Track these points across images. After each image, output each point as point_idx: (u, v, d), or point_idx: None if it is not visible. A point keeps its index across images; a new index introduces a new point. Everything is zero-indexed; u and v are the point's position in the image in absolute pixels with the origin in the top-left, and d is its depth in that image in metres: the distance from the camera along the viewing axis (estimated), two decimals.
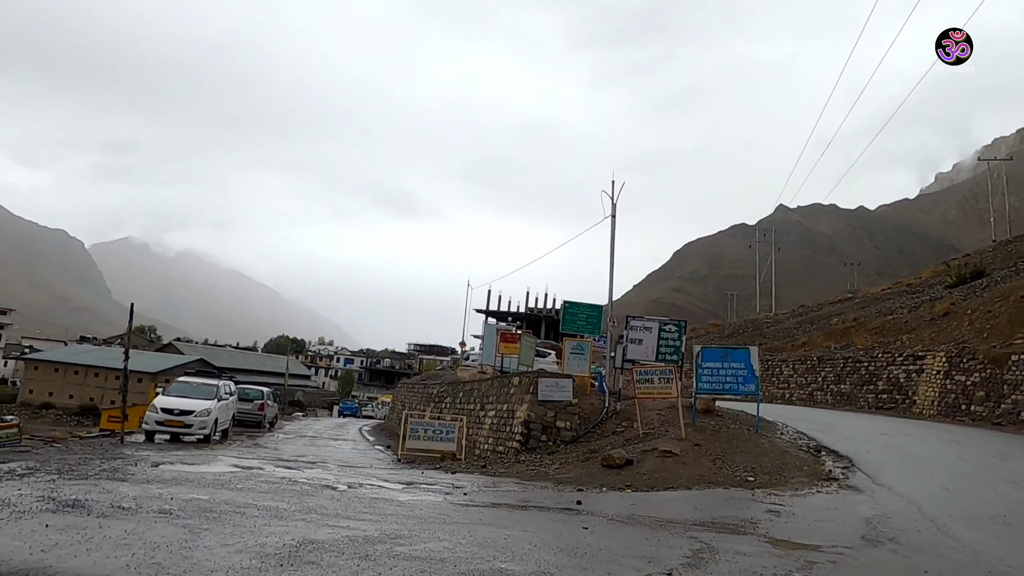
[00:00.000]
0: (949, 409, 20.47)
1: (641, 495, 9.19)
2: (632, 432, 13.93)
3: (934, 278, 37.69)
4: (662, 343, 15.53)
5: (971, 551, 6.39)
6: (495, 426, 16.83)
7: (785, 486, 9.97)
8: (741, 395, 14.04)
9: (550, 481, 10.69)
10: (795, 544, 6.36)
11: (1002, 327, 21.22)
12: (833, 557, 5.88)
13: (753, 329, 39.84)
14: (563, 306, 19.15)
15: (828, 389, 26.41)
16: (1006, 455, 12.53)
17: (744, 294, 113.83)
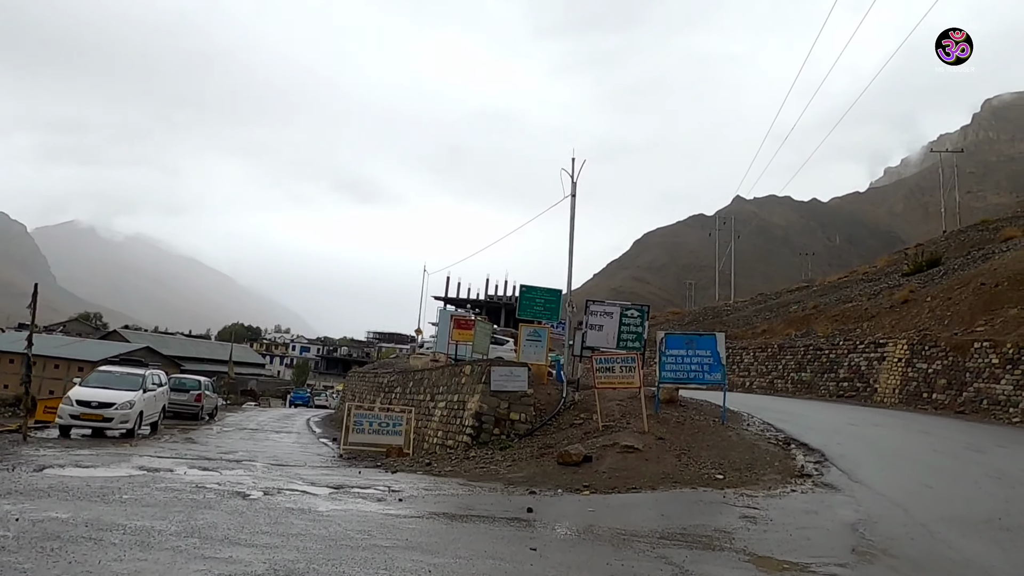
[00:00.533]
0: (911, 397, 20.13)
1: (601, 498, 8.17)
2: (591, 424, 12.95)
3: (889, 267, 37.89)
4: (624, 329, 14.57)
5: (979, 568, 5.53)
6: (445, 418, 15.68)
7: (757, 485, 9.09)
8: (707, 384, 13.19)
9: (500, 481, 9.60)
10: (781, 563, 5.40)
11: (963, 314, 20.97)
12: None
13: (713, 317, 39.50)
14: (519, 291, 18.03)
15: (789, 377, 26.01)
16: (978, 446, 11.96)
17: (702, 283, 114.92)
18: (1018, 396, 16.81)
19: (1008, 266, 22.03)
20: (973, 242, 33.35)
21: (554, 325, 19.31)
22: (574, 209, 17.87)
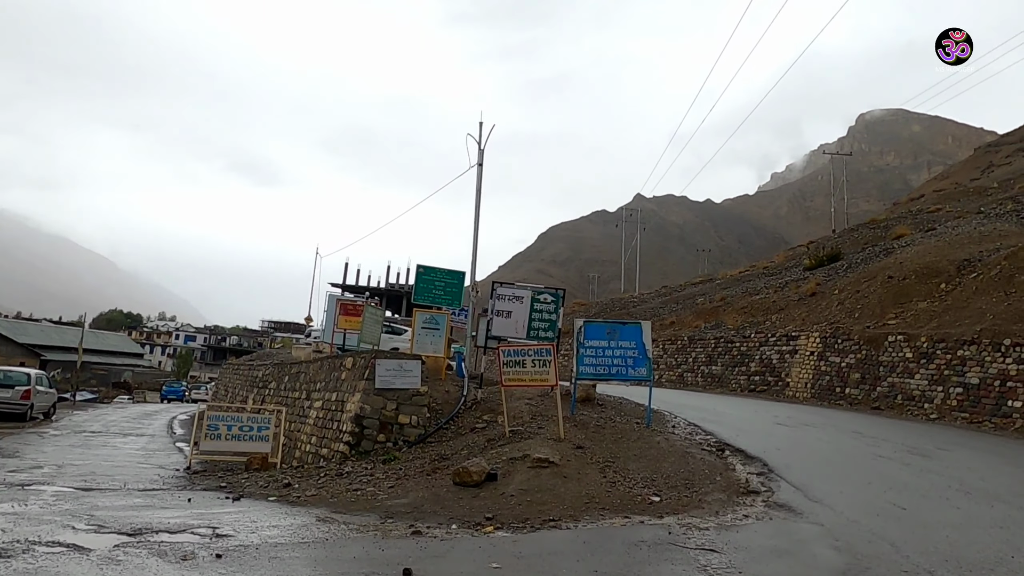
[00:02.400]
0: (824, 392, 19.47)
1: (510, 541, 6.02)
2: (497, 429, 10.83)
3: (788, 261, 38.36)
4: (535, 316, 12.54)
5: None
6: (321, 421, 13.08)
7: (701, 508, 7.27)
8: (631, 380, 11.40)
9: (376, 512, 7.26)
10: None
11: (873, 307, 20.58)
12: None
13: (620, 308, 38.58)
14: (416, 272, 15.63)
15: (699, 370, 25.11)
16: (920, 449, 10.85)
17: (604, 277, 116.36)
18: (933, 391, 16.28)
19: (913, 260, 21.96)
20: (866, 239, 34.04)
21: (455, 312, 17.06)
22: (481, 179, 15.70)
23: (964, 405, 15.28)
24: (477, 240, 15.16)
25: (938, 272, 19.98)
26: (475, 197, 15.71)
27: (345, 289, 62.66)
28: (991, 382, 14.93)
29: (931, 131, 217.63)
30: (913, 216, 36.61)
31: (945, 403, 15.72)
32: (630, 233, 73.55)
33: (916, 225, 31.87)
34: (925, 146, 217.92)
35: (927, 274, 20.23)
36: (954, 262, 19.95)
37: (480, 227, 15.59)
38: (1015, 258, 17.67)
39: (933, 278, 19.82)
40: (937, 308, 18.29)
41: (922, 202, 47.82)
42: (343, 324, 18.73)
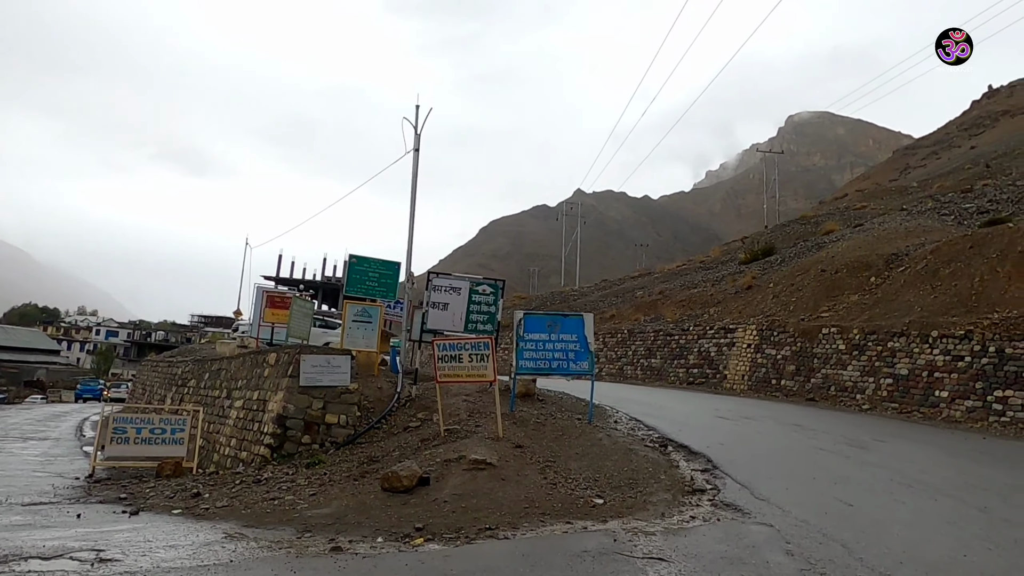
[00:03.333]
0: (760, 384, 19.65)
1: (441, 555, 5.42)
2: (432, 428, 10.19)
3: (724, 256, 39.06)
4: (473, 309, 11.95)
5: None
6: (241, 422, 12.12)
7: (647, 510, 6.87)
8: (572, 375, 10.95)
9: (294, 525, 6.53)
10: None
11: (807, 300, 20.91)
12: None
13: (560, 301, 38.41)
14: (347, 262, 14.78)
15: (639, 364, 25.08)
16: (858, 441, 10.84)
17: (544, 271, 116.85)
18: (864, 382, 16.56)
19: (844, 254, 22.46)
20: (798, 235, 34.93)
21: (391, 304, 16.28)
22: (417, 165, 14.92)
23: (894, 396, 15.59)
24: (413, 228, 14.42)
25: (868, 266, 20.45)
26: (411, 184, 14.94)
27: (278, 282, 60.43)
28: (919, 373, 15.27)
29: (854, 133, 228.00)
30: (841, 213, 37.83)
31: (876, 394, 16.02)
32: (570, 227, 73.84)
33: (844, 221, 32.89)
34: (848, 148, 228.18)
35: (858, 268, 20.69)
36: (883, 256, 20.46)
37: (419, 220, 14.86)
38: (940, 253, 18.20)
39: (863, 272, 20.27)
40: (868, 301, 18.69)
41: (847, 200, 49.68)
42: (270, 318, 17.65)
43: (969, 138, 70.03)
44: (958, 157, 57.09)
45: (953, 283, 16.53)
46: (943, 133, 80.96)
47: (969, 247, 17.34)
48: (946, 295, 16.36)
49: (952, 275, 16.84)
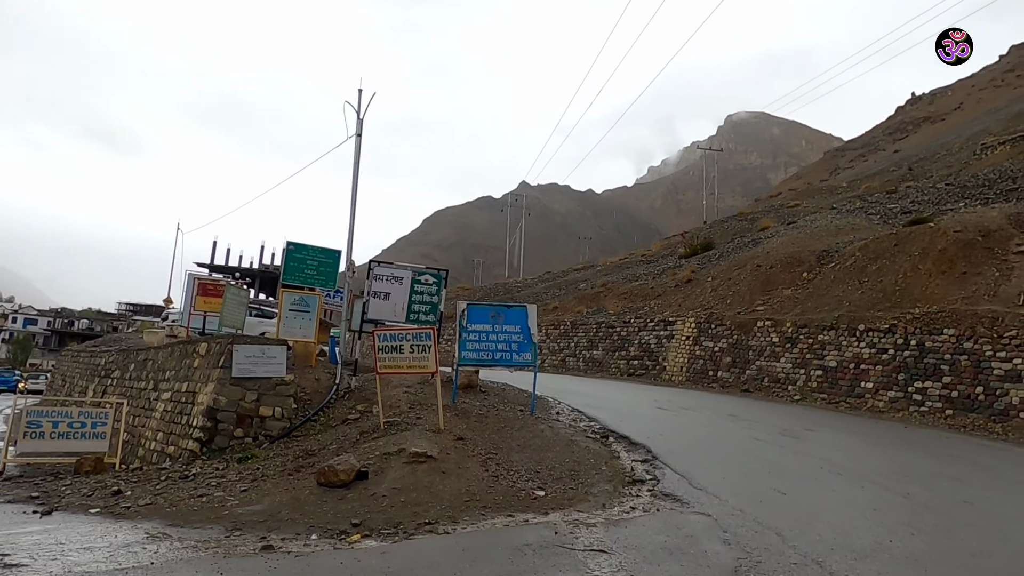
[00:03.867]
0: (698, 375, 20.12)
1: (378, 551, 5.26)
2: (371, 420, 9.95)
3: (665, 250, 39.85)
4: (416, 299, 11.72)
5: None
6: (169, 415, 11.55)
7: (588, 501, 6.87)
8: (515, 366, 10.88)
9: (223, 523, 6.23)
10: None
11: (743, 294, 21.50)
12: None
13: (504, 292, 38.40)
14: (285, 249, 14.26)
15: (581, 355, 25.31)
16: (791, 431, 11.20)
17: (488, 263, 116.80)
18: (796, 374, 17.16)
19: (778, 250, 23.20)
20: (735, 231, 35.95)
21: (330, 294, 15.84)
22: (359, 151, 14.52)
23: (823, 387, 16.22)
24: (354, 216, 14.02)
25: (801, 261, 21.18)
26: (352, 170, 14.52)
27: (212, 269, 58.14)
28: (847, 365, 15.92)
29: (788, 134, 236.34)
30: (776, 210, 39.13)
31: (807, 385, 16.63)
32: (515, 219, 73.93)
33: (779, 219, 34.02)
34: (783, 148, 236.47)
35: (791, 263, 21.40)
36: (815, 252, 21.23)
37: (362, 209, 14.51)
38: (867, 250, 19.01)
39: (796, 267, 20.99)
40: (800, 295, 19.36)
41: (781, 198, 51.47)
42: (202, 306, 16.89)
43: (894, 142, 73.61)
44: (884, 160, 59.92)
45: (879, 279, 17.28)
46: (870, 137, 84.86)
47: (894, 245, 18.17)
48: (872, 290, 17.10)
49: (878, 271, 17.60)
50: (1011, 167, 25.26)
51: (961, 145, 43.29)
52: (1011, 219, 17.18)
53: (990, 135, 38.86)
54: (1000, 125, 44.43)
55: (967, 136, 46.47)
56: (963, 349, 13.65)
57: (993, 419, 12.52)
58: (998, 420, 12.43)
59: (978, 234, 16.59)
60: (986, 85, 74.88)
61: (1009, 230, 16.56)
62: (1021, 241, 15.84)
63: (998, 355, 12.99)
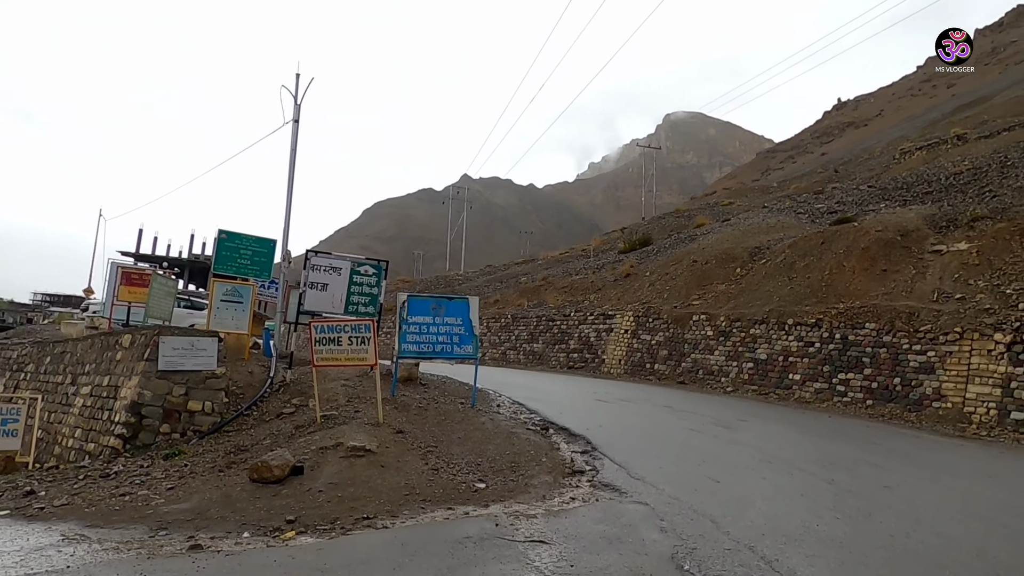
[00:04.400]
0: (635, 368, 20.51)
1: (314, 548, 5.11)
2: (307, 414, 9.68)
3: (604, 245, 40.47)
4: (355, 290, 11.47)
5: None
6: (89, 410, 10.93)
7: (528, 493, 6.88)
8: (456, 359, 10.81)
9: (147, 522, 5.93)
10: None
11: (679, 289, 22.03)
12: None
13: (445, 285, 38.15)
14: (216, 238, 13.72)
15: (521, 348, 25.42)
16: (724, 421, 11.55)
17: (429, 256, 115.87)
18: (729, 366, 17.71)
19: (714, 246, 23.88)
20: (672, 227, 36.81)
21: (264, 284, 15.35)
22: (296, 137, 14.09)
23: (754, 379, 16.81)
24: (291, 204, 13.60)
25: (734, 258, 21.87)
26: (289, 157, 14.08)
27: (138, 258, 55.55)
28: (776, 357, 16.55)
29: (723, 135, 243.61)
30: (711, 208, 40.28)
31: (739, 377, 17.19)
32: (456, 212, 73.51)
33: (714, 216, 35.03)
34: (718, 148, 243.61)
35: (725, 259, 22.07)
36: (747, 249, 21.95)
37: (300, 199, 14.01)
38: (796, 247, 19.79)
39: (730, 263, 21.66)
40: (734, 290, 19.99)
41: (716, 197, 53.06)
42: (126, 296, 16.07)
43: (821, 145, 77.02)
44: (811, 162, 62.59)
45: (807, 276, 18.02)
46: (799, 139, 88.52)
47: (820, 243, 18.98)
48: (801, 286, 17.82)
49: (806, 268, 18.35)
50: (927, 171, 26.78)
51: (882, 149, 45.64)
52: (927, 220, 18.21)
53: (908, 141, 41.12)
54: (917, 131, 47.07)
55: (887, 141, 49.04)
56: (882, 342, 14.39)
57: (909, 408, 13.26)
58: (913, 409, 13.17)
59: (897, 234, 17.51)
60: (904, 93, 79.27)
61: (925, 230, 17.55)
62: (935, 241, 16.81)
63: (914, 348, 13.76)
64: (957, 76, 69.59)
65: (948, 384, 12.90)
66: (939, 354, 13.26)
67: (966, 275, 14.87)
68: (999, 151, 24.70)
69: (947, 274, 15.30)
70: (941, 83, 71.31)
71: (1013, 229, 15.21)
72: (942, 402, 12.85)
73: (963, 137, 31.41)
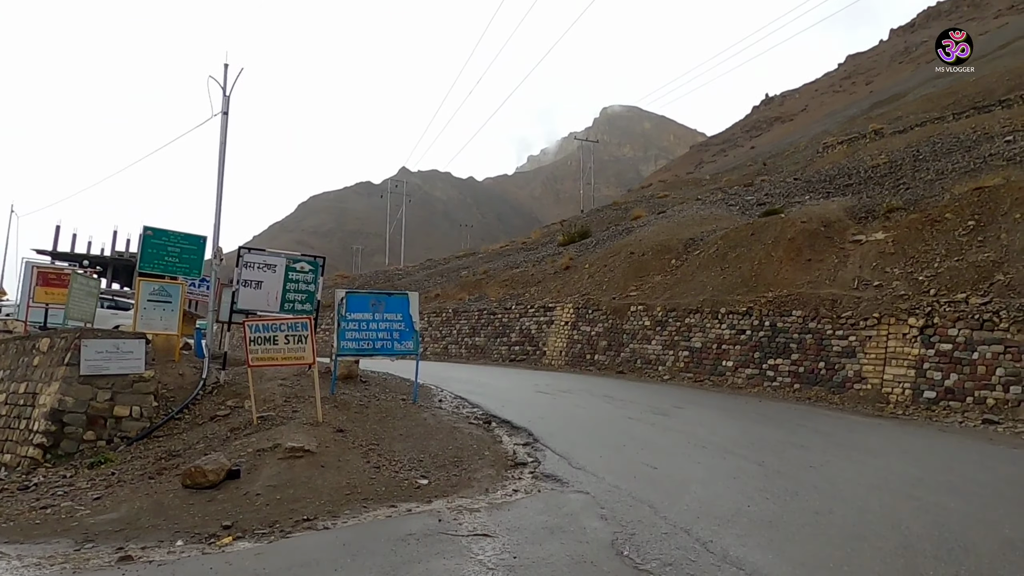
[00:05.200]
0: (576, 359, 20.82)
1: (252, 553, 5.00)
2: (243, 416, 9.43)
3: (543, 238, 40.82)
4: (290, 287, 11.20)
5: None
6: (4, 419, 10.31)
7: (472, 487, 6.93)
8: (398, 354, 10.73)
9: (71, 535, 5.66)
10: None
11: (618, 280, 22.47)
12: None
13: (385, 280, 37.69)
14: (142, 235, 13.14)
15: (463, 342, 25.40)
16: (661, 409, 11.89)
17: (368, 250, 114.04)
18: (666, 355, 18.21)
19: (650, 238, 24.44)
20: (610, 220, 37.46)
21: (195, 283, 14.79)
22: (225, 130, 13.61)
23: (690, 366, 17.35)
24: (221, 199, 13.15)
25: (669, 249, 22.46)
26: (219, 151, 13.60)
27: (56, 257, 52.54)
28: (710, 346, 17.12)
29: (658, 128, 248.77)
30: (647, 201, 41.16)
31: (675, 365, 17.70)
32: (395, 206, 72.64)
33: (650, 208, 35.83)
34: (653, 141, 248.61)
35: (661, 251, 22.63)
36: (682, 241, 22.58)
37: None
38: (728, 239, 20.48)
39: (666, 254, 22.23)
40: (669, 281, 20.54)
41: (652, 189, 54.26)
42: (43, 297, 15.19)
43: (750, 139, 79.73)
44: (741, 155, 64.75)
45: (738, 266, 18.69)
46: (730, 133, 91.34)
47: (751, 234, 19.70)
48: (733, 276, 18.46)
49: (737, 258, 19.03)
50: (847, 165, 28.16)
51: (806, 144, 47.65)
52: (847, 211, 19.16)
53: (830, 135, 43.08)
54: (838, 127, 49.36)
55: (811, 136, 51.21)
56: (808, 329, 15.09)
57: (832, 391, 13.97)
58: (837, 391, 13.89)
59: (821, 225, 18.36)
60: (827, 90, 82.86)
61: (846, 221, 18.47)
62: (855, 231, 17.72)
63: (836, 333, 14.49)
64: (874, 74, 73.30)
65: (868, 367, 13.65)
66: (859, 339, 14.01)
67: (883, 263, 15.75)
68: (911, 145, 26.20)
69: (866, 263, 16.16)
70: (860, 80, 74.99)
71: (924, 219, 16.19)
72: (862, 384, 13.60)
73: (880, 132, 33.15)
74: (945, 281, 13.83)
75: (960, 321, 12.57)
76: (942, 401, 12.23)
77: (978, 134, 24.03)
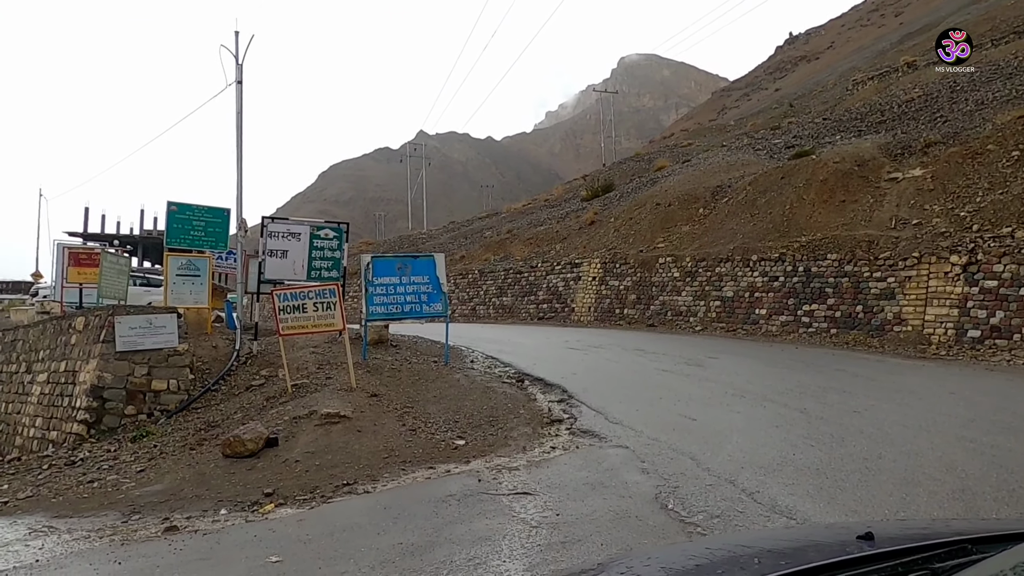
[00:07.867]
0: (605, 314, 20.65)
1: (294, 519, 5.01)
2: (278, 385, 9.49)
3: (567, 194, 40.26)
4: (316, 255, 11.15)
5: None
6: (47, 398, 10.55)
7: (508, 446, 6.88)
8: (426, 317, 10.67)
9: (118, 507, 5.75)
10: None
11: (644, 233, 22.08)
12: None
13: (409, 244, 37.67)
14: (167, 211, 13.16)
15: (491, 303, 25.36)
16: (696, 360, 11.71)
17: (390, 216, 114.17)
18: (697, 306, 17.93)
19: (676, 188, 23.88)
20: (633, 172, 36.73)
21: (222, 256, 14.86)
22: (241, 99, 13.45)
23: (722, 316, 17.07)
24: (241, 170, 13.06)
25: (696, 198, 21.92)
26: (236, 121, 13.46)
27: (87, 238, 53.46)
28: (742, 294, 16.79)
29: (678, 76, 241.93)
30: (670, 150, 40.25)
31: (707, 315, 17.44)
32: (415, 170, 72.23)
33: (674, 158, 35.00)
34: (673, 89, 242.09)
35: (687, 200, 22.12)
36: (709, 189, 22.01)
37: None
38: (757, 184, 19.89)
39: (693, 204, 21.72)
40: (698, 231, 20.10)
41: (674, 139, 53.02)
42: (76, 277, 15.41)
43: (774, 81, 77.08)
44: (766, 98, 62.73)
45: (768, 211, 18.17)
46: (753, 77, 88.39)
47: (780, 178, 19.10)
48: (763, 222, 17.98)
49: (767, 204, 18.50)
50: (879, 101, 27.03)
51: (835, 82, 45.89)
52: (882, 149, 18.42)
53: (859, 71, 41.39)
54: (867, 62, 47.38)
55: (839, 73, 49.29)
56: (844, 272, 14.67)
57: (871, 335, 13.62)
58: (876, 335, 13.54)
59: (854, 164, 17.69)
60: (854, 24, 79.41)
61: (881, 159, 17.76)
62: (891, 169, 17.04)
63: (874, 275, 14.06)
64: (904, 4, 69.89)
65: (908, 308, 13.25)
66: (898, 279, 13.58)
67: (921, 201, 15.15)
68: (948, 77, 24.99)
69: (903, 201, 15.57)
70: (889, 12, 71.65)
71: (965, 153, 15.47)
72: (903, 326, 13.22)
73: (913, 65, 31.70)
74: (989, 215, 13.26)
75: (1006, 256, 12.07)
76: (987, 340, 11.84)
77: (1019, 60, 22.80)
